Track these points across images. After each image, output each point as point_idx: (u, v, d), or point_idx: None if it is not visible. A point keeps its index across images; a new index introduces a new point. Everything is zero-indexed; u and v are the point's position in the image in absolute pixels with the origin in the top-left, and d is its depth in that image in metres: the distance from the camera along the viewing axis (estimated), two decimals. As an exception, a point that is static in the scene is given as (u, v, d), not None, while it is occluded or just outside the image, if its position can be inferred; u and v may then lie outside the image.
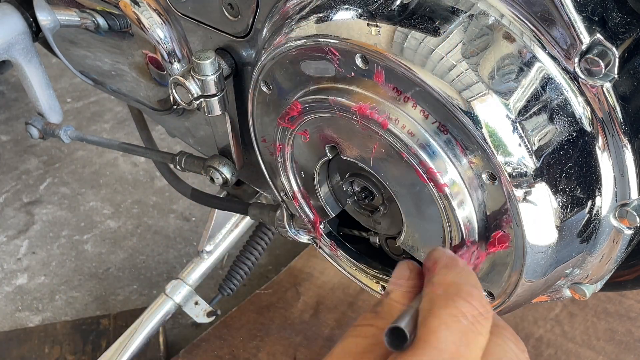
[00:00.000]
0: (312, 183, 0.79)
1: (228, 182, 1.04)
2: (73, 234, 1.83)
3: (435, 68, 0.60)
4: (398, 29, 0.62)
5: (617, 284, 0.88)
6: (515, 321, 1.43)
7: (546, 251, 0.64)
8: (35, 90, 1.24)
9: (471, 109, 0.59)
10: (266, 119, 0.80)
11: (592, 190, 0.63)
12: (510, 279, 0.67)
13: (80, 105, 2.26)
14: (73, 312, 1.64)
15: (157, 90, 1.02)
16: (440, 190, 0.63)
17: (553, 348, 1.37)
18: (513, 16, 0.61)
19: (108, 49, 1.04)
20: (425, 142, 0.62)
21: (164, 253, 1.77)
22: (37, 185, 1.99)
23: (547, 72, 0.60)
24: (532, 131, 0.59)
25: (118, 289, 1.68)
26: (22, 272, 1.74)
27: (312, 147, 0.75)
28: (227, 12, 0.83)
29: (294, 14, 0.71)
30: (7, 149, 2.11)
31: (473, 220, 0.64)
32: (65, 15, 1.06)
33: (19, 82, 1.30)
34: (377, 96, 0.64)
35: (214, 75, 0.82)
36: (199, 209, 1.86)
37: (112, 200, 1.92)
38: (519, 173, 0.59)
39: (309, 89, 0.70)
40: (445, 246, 0.68)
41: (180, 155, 1.11)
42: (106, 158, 2.05)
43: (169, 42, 0.94)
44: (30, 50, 1.19)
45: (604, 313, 1.41)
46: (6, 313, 1.64)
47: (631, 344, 1.36)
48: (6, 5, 1.16)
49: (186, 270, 1.42)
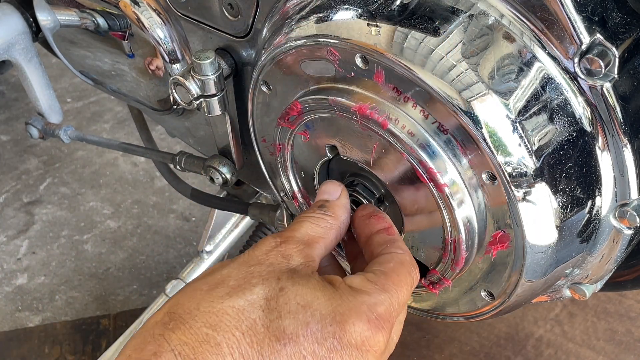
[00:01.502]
0: (312, 183, 0.79)
1: (228, 182, 1.04)
2: (73, 234, 1.83)
3: (435, 68, 0.60)
4: (398, 29, 0.62)
5: (617, 284, 0.88)
6: (515, 321, 1.43)
7: (546, 251, 0.64)
8: (35, 90, 1.24)
9: (471, 109, 0.59)
10: (266, 119, 0.80)
11: (592, 190, 0.63)
12: (510, 279, 0.67)
13: (80, 105, 2.26)
14: (73, 312, 1.64)
15: (157, 90, 1.02)
16: (440, 190, 0.63)
17: (553, 348, 1.37)
18: (513, 16, 0.61)
19: (108, 49, 1.04)
20: (425, 142, 0.62)
21: (164, 253, 1.77)
22: (37, 185, 1.99)
23: (547, 72, 0.60)
24: (532, 131, 0.59)
25: (118, 289, 1.68)
26: (22, 272, 1.74)
27: (312, 147, 0.75)
28: (227, 12, 0.83)
29: (294, 14, 0.71)
30: (7, 149, 2.11)
31: (473, 220, 0.64)
32: (65, 15, 1.06)
33: (19, 82, 1.30)
34: (377, 96, 0.64)
35: (214, 75, 0.82)
36: (199, 209, 1.86)
37: (112, 200, 1.92)
38: (519, 173, 0.59)
39: (309, 89, 0.71)
40: (445, 246, 0.68)
41: (180, 155, 1.11)
42: (106, 158, 2.05)
43: (169, 42, 0.94)
44: (30, 50, 1.19)
45: (604, 313, 1.41)
46: (6, 313, 1.64)
47: (631, 344, 1.36)
48: (6, 5, 1.16)
49: (186, 270, 1.42)
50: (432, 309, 0.79)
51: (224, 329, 0.54)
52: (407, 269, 0.63)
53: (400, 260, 0.63)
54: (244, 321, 0.55)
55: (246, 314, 0.55)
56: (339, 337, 0.56)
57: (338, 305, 0.57)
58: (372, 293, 0.59)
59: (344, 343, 0.56)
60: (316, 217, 0.66)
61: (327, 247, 0.65)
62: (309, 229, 0.64)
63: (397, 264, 0.63)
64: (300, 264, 0.60)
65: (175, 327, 0.54)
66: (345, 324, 0.56)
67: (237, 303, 0.56)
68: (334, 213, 0.67)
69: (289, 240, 0.62)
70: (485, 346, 1.41)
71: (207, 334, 0.53)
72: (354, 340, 0.56)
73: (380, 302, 0.58)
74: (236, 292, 0.57)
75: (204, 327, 0.54)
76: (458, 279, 0.72)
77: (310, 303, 0.57)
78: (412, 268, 0.63)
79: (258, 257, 0.61)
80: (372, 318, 0.57)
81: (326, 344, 0.55)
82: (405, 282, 0.62)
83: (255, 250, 0.62)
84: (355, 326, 0.56)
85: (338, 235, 0.67)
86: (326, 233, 0.65)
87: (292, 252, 0.61)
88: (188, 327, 0.54)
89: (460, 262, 0.67)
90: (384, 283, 0.60)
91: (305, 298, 0.57)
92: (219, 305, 0.55)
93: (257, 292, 0.57)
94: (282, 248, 0.61)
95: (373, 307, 0.58)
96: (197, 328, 0.54)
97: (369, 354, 0.57)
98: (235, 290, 0.57)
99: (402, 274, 0.62)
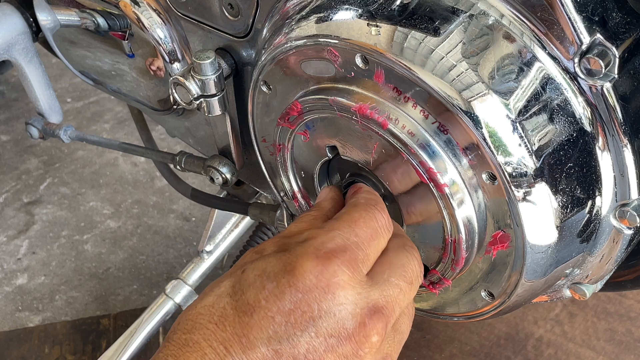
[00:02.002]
0: (312, 183, 0.79)
1: (228, 182, 1.04)
2: (73, 234, 1.83)
3: (435, 68, 0.60)
4: (398, 29, 0.62)
5: (617, 284, 0.88)
6: (515, 321, 1.43)
7: (546, 251, 0.64)
8: (35, 90, 1.24)
9: (471, 109, 0.59)
10: (266, 119, 0.80)
11: (592, 190, 0.63)
12: (510, 279, 0.67)
13: (80, 105, 2.26)
14: (73, 312, 1.64)
15: (157, 90, 1.02)
16: (440, 190, 0.63)
17: (553, 348, 1.37)
18: (513, 16, 0.61)
19: (108, 49, 1.04)
20: (425, 142, 0.62)
21: (164, 253, 1.77)
22: (37, 185, 1.99)
23: (547, 72, 0.60)
24: (532, 131, 0.59)
25: (118, 289, 1.68)
26: (22, 272, 1.74)
27: (312, 147, 0.75)
28: (227, 12, 0.83)
29: (294, 14, 0.71)
30: (7, 149, 2.11)
31: (473, 220, 0.64)
32: (65, 15, 1.06)
33: (19, 82, 1.30)
34: (377, 96, 0.64)
35: (214, 75, 0.82)
36: (199, 209, 1.86)
37: (112, 200, 1.92)
38: (519, 173, 0.59)
39: (309, 89, 0.71)
40: (445, 246, 0.68)
41: (180, 155, 1.11)
42: (106, 158, 2.05)
43: (169, 42, 0.94)
44: (30, 50, 1.19)
45: (604, 313, 1.41)
46: (6, 313, 1.64)
47: (631, 344, 1.36)
48: (6, 5, 1.16)
49: (186, 270, 1.42)
50: (432, 309, 0.79)
51: (199, 327, 0.56)
52: (361, 207, 0.63)
53: (354, 202, 0.64)
54: (215, 313, 0.57)
55: (216, 306, 0.57)
56: (294, 284, 0.55)
57: (287, 258, 0.58)
58: (319, 236, 0.59)
59: (301, 288, 0.55)
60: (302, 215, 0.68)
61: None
62: (293, 227, 0.65)
63: (350, 206, 0.64)
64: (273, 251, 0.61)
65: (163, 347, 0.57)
66: (295, 269, 0.56)
67: (208, 301, 0.58)
68: (318, 206, 0.69)
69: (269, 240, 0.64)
70: (485, 346, 1.41)
71: (185, 338, 0.56)
72: (308, 281, 0.55)
73: (329, 239, 0.58)
74: (206, 294, 0.59)
75: (183, 334, 0.57)
76: (458, 279, 0.72)
77: (264, 269, 0.58)
78: (369, 207, 0.63)
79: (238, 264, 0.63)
80: (320, 254, 0.57)
81: (285, 297, 0.55)
82: (360, 217, 0.61)
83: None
84: (303, 267, 0.56)
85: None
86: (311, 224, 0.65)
87: (267, 244, 0.63)
88: (170, 341, 0.57)
89: (460, 262, 0.67)
90: (332, 224, 0.61)
91: (259, 267, 0.58)
92: (192, 311, 0.58)
93: (225, 284, 0.59)
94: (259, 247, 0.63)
95: (320, 245, 0.58)
96: (177, 337, 0.57)
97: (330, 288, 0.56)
98: (206, 292, 0.60)
99: (354, 212, 0.62)
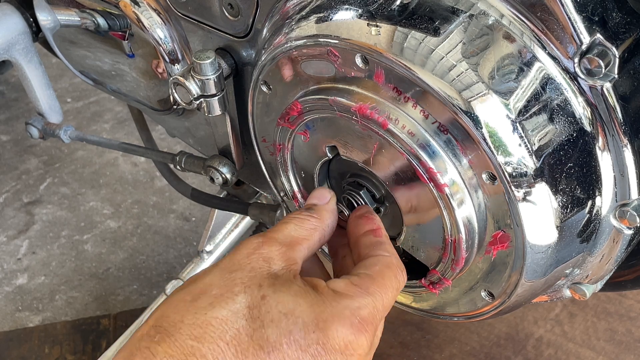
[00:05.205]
0: (312, 183, 0.79)
1: (228, 182, 1.04)
2: (73, 234, 1.83)
3: (435, 68, 0.60)
4: (398, 29, 0.62)
5: (617, 284, 0.88)
6: (515, 321, 1.43)
7: (546, 251, 0.64)
8: (35, 90, 1.24)
9: (471, 109, 0.59)
10: (266, 119, 0.80)
11: (592, 190, 0.63)
12: (510, 279, 0.67)
13: (80, 105, 2.26)
14: (73, 312, 1.64)
15: (157, 90, 1.02)
16: (440, 190, 0.63)
17: (553, 348, 1.37)
18: (513, 16, 0.61)
19: (108, 49, 1.04)
20: (425, 142, 0.62)
21: (164, 253, 1.77)
22: (37, 185, 1.99)
23: (547, 72, 0.60)
24: (532, 131, 0.59)
25: (118, 289, 1.68)
26: (22, 272, 1.74)
27: (312, 147, 0.75)
28: (227, 12, 0.83)
29: (294, 14, 0.71)
30: (7, 149, 2.11)
31: (473, 220, 0.64)
32: (65, 15, 1.06)
33: (19, 82, 1.30)
34: (377, 96, 0.64)
35: (214, 75, 0.82)
36: (199, 209, 1.86)
37: (112, 200, 1.92)
38: (519, 173, 0.59)
39: (309, 89, 0.71)
40: (445, 246, 0.68)
41: (180, 155, 1.11)
42: (106, 158, 2.05)
43: (169, 42, 0.94)
44: (30, 50, 1.19)
45: (604, 313, 1.41)
46: (6, 313, 1.65)
47: (631, 344, 1.36)
48: (6, 5, 1.16)
49: (186, 270, 1.42)
50: (432, 309, 0.79)
51: (208, 340, 0.55)
52: (393, 272, 0.63)
53: (387, 263, 0.64)
54: (228, 331, 0.55)
55: (230, 324, 0.56)
56: (323, 344, 0.56)
57: (321, 311, 0.57)
58: (355, 297, 0.59)
59: (328, 349, 0.56)
60: (301, 218, 0.67)
61: (310, 248, 0.65)
62: (293, 230, 0.65)
63: (383, 266, 0.63)
64: (281, 268, 0.61)
65: (161, 340, 0.55)
66: (328, 330, 0.56)
67: (221, 313, 0.56)
68: (320, 215, 0.68)
69: (270, 242, 0.63)
70: (485, 346, 1.41)
71: (192, 346, 0.55)
72: (337, 345, 0.57)
73: (364, 306, 0.59)
74: (219, 302, 0.57)
75: (189, 339, 0.55)
76: (458, 279, 0.72)
77: (292, 311, 0.57)
78: (398, 271, 0.64)
79: (239, 261, 0.61)
80: (355, 322, 0.57)
81: (310, 350, 0.56)
82: (391, 285, 0.62)
83: (236, 253, 0.62)
84: (338, 331, 0.57)
85: (322, 238, 0.67)
86: (310, 235, 0.65)
87: (274, 254, 0.62)
88: (173, 340, 0.55)
89: (460, 262, 0.67)
90: (368, 286, 0.60)
91: (287, 306, 0.57)
92: (202, 317, 0.56)
93: (240, 300, 0.57)
94: (264, 250, 0.62)
95: (356, 311, 0.58)
96: (183, 340, 0.55)
97: (352, 357, 0.57)
98: (218, 299, 0.58)
99: (387, 277, 0.62)
